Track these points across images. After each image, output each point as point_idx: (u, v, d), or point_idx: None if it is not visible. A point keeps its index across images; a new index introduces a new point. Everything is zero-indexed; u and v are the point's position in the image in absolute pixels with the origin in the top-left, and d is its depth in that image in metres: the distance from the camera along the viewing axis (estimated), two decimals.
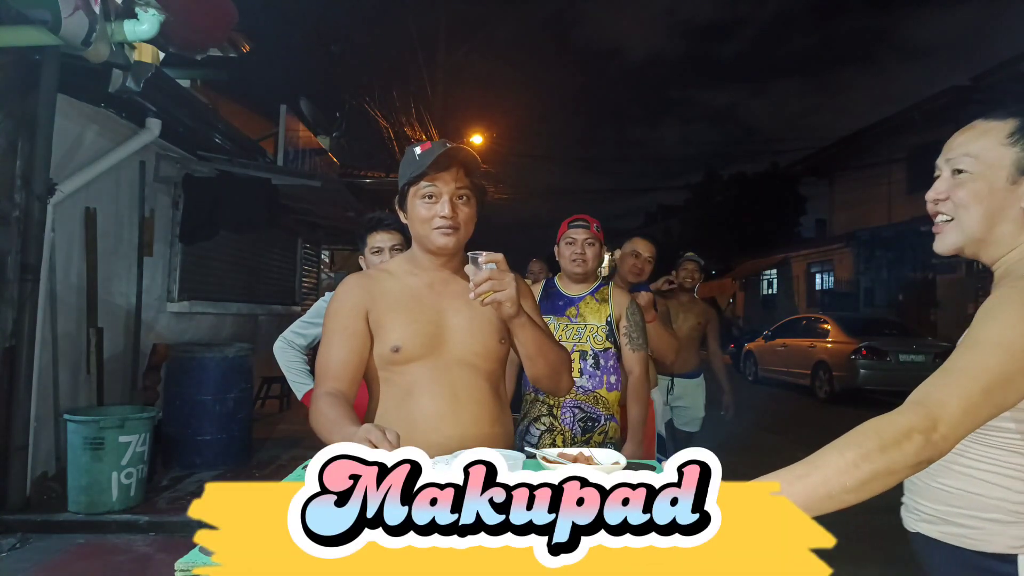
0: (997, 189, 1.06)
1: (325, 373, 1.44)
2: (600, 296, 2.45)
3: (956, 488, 1.09)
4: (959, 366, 0.93)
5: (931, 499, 1.13)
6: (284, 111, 7.88)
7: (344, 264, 11.06)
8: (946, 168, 1.11)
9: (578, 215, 2.49)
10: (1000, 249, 1.09)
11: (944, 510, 1.10)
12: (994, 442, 1.06)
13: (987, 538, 1.06)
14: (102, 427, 3.71)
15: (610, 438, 2.36)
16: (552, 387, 1.59)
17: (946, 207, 1.11)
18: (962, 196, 1.08)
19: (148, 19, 3.37)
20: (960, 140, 1.11)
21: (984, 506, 1.06)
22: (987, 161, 1.07)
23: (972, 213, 1.08)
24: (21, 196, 3.78)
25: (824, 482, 0.84)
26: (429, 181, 1.45)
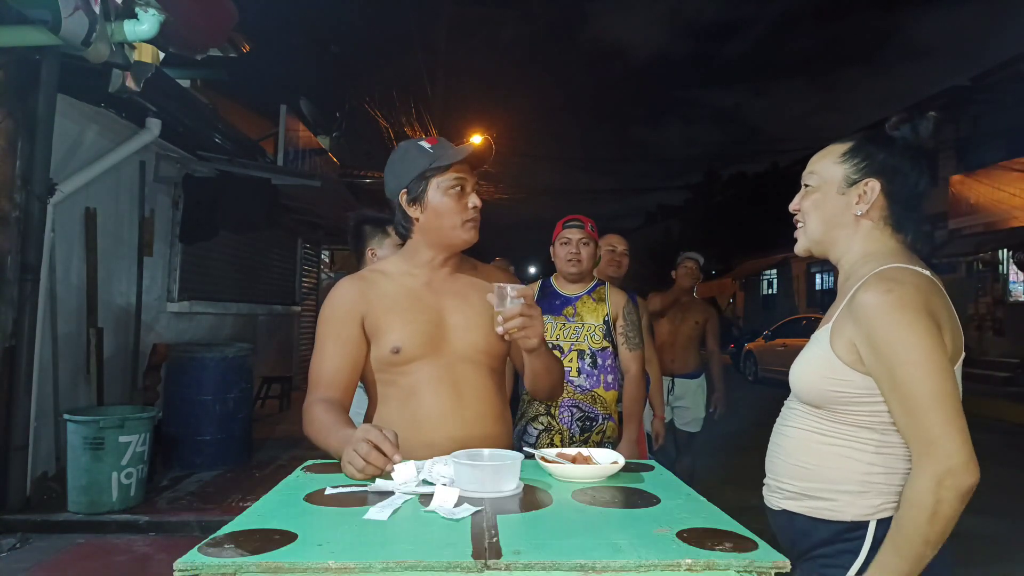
0: (830, 198, 1.27)
1: (318, 381, 1.43)
2: (597, 295, 2.46)
3: (815, 464, 1.22)
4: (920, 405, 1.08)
5: (793, 477, 1.25)
6: (284, 111, 7.87)
7: (344, 264, 11.05)
8: (802, 183, 1.33)
9: (572, 215, 2.49)
10: (839, 250, 1.28)
11: (805, 486, 1.22)
12: (847, 420, 1.18)
13: (843, 508, 1.18)
14: (102, 427, 3.71)
15: (608, 437, 2.36)
16: (547, 398, 1.64)
17: (800, 215, 1.32)
18: (807, 205, 1.30)
19: (148, 19, 3.37)
20: (811, 160, 1.33)
21: (839, 479, 1.18)
22: (824, 176, 1.29)
23: (813, 219, 1.29)
24: (21, 196, 3.78)
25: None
26: (458, 172, 1.43)
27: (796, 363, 1.27)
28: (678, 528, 0.94)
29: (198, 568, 0.80)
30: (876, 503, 1.16)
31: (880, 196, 1.23)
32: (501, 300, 1.33)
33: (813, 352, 1.23)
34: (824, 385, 1.19)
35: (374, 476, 1.16)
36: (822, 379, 1.19)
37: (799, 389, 1.25)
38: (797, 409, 1.27)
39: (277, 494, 1.13)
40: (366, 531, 0.93)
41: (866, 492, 1.16)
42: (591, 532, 0.94)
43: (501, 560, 0.81)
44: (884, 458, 1.16)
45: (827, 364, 1.18)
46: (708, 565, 0.82)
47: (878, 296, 1.12)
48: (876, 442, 1.16)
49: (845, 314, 1.18)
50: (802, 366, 1.25)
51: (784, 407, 1.35)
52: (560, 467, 1.24)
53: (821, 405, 1.21)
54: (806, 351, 1.26)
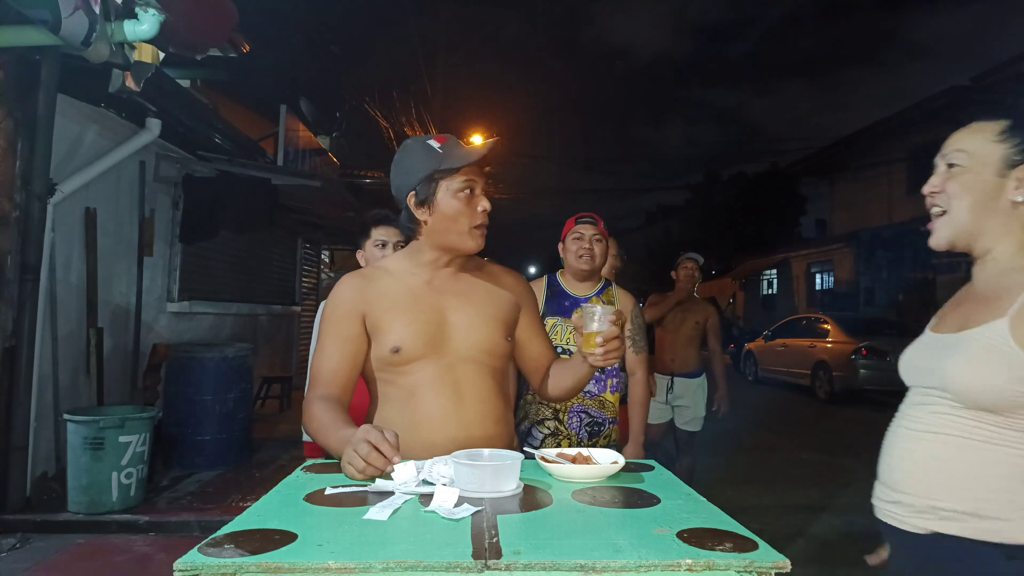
0: (986, 181, 1.13)
1: (318, 378, 1.43)
2: (606, 298, 2.44)
3: (983, 477, 1.07)
4: None
5: (951, 495, 1.09)
6: (284, 111, 7.88)
7: (344, 264, 11.06)
8: (941, 163, 1.19)
9: (584, 213, 2.48)
10: (989, 240, 1.15)
11: (970, 505, 1.07)
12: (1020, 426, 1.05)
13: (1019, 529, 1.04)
14: (102, 427, 3.71)
15: (613, 442, 2.36)
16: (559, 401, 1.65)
17: (940, 199, 1.17)
18: (953, 188, 1.15)
19: (148, 19, 3.37)
20: (955, 138, 1.18)
21: (1013, 494, 1.04)
22: (977, 156, 1.14)
23: (962, 204, 1.14)
24: (21, 196, 3.78)
25: None
26: (469, 174, 1.41)
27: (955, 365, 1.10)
28: (678, 528, 0.94)
29: (198, 568, 0.80)
30: None
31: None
32: (592, 320, 1.32)
33: (987, 351, 1.07)
34: (1012, 386, 1.04)
35: (374, 477, 1.16)
36: (1007, 379, 1.04)
37: (970, 391, 1.08)
38: (951, 414, 1.11)
39: (277, 494, 1.13)
40: (366, 531, 0.93)
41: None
42: (591, 532, 0.94)
43: (501, 560, 0.81)
44: None
45: (1013, 362, 1.04)
46: (708, 565, 0.82)
47: None
48: None
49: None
50: (973, 367, 1.08)
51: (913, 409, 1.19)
52: (560, 467, 1.24)
53: (998, 410, 1.06)
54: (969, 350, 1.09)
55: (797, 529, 3.87)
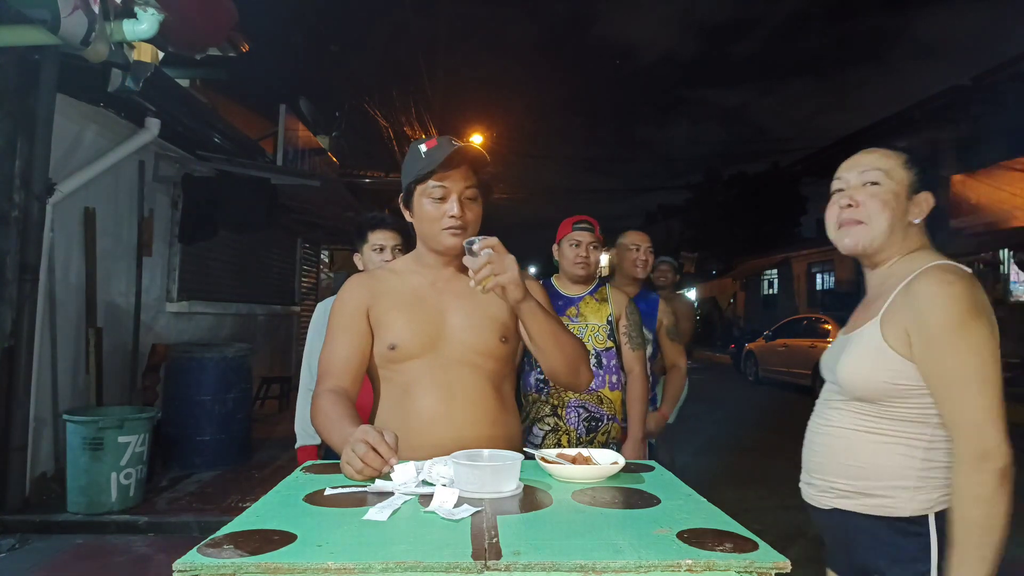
0: (900, 201, 1.29)
1: (328, 371, 1.45)
2: (600, 296, 2.45)
3: (869, 462, 1.24)
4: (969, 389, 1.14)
5: (847, 475, 1.27)
6: (284, 111, 7.88)
7: (344, 264, 11.06)
8: (856, 179, 1.32)
9: (581, 216, 2.47)
10: (889, 253, 1.31)
11: (862, 484, 1.25)
12: (899, 415, 1.22)
13: (901, 505, 1.21)
14: (101, 427, 3.71)
15: (612, 438, 2.35)
16: (571, 381, 1.50)
17: (859, 213, 1.30)
18: (876, 204, 1.29)
19: (147, 19, 3.37)
20: (869, 159, 1.32)
21: (896, 475, 1.22)
22: (895, 177, 1.30)
23: (883, 218, 1.28)
24: (20, 196, 3.78)
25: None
26: (438, 181, 1.42)
27: (843, 361, 1.28)
28: (678, 528, 0.94)
29: (197, 568, 0.80)
30: (933, 496, 1.20)
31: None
32: (470, 255, 1.33)
33: (863, 346, 1.25)
34: (881, 377, 1.21)
35: (372, 477, 1.16)
36: (877, 371, 1.22)
37: (852, 384, 1.26)
38: (843, 408, 1.30)
39: (276, 494, 1.13)
40: (366, 532, 0.93)
41: (922, 487, 1.20)
42: (591, 532, 0.93)
43: (501, 561, 0.81)
44: (936, 453, 1.20)
45: (881, 356, 1.21)
46: (708, 565, 0.82)
47: (942, 286, 1.17)
48: (928, 437, 1.20)
49: (898, 306, 1.22)
50: (854, 362, 1.26)
51: (821, 406, 1.37)
52: (560, 467, 1.24)
53: (873, 400, 1.24)
54: (852, 348, 1.28)
55: (797, 529, 3.87)
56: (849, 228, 1.31)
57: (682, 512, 1.03)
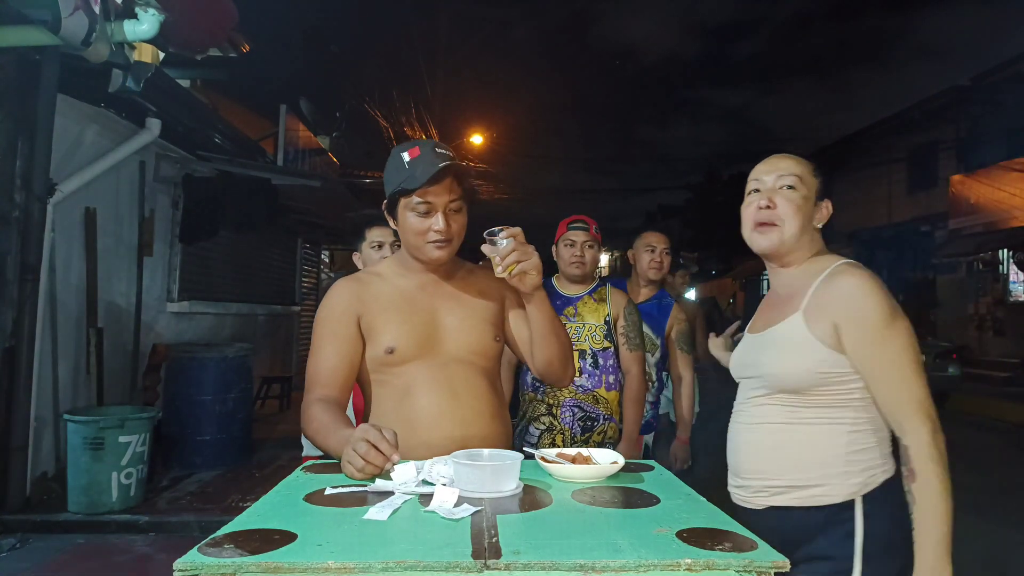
0: (810, 205, 1.36)
1: (315, 380, 1.44)
2: (598, 296, 2.46)
3: (798, 454, 1.29)
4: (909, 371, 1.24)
5: (780, 472, 1.31)
6: (284, 111, 7.87)
7: (344, 264, 11.05)
8: (774, 182, 1.37)
9: (577, 216, 2.48)
10: (798, 255, 1.37)
11: (794, 478, 1.29)
12: (823, 401, 1.28)
13: (832, 491, 1.27)
14: (102, 427, 3.71)
15: (609, 438, 2.35)
16: (560, 372, 1.56)
17: (774, 215, 1.36)
18: (790, 208, 1.35)
19: (148, 19, 3.38)
20: (787, 164, 1.39)
21: (824, 462, 1.27)
22: (807, 184, 1.37)
23: (795, 221, 1.35)
24: (21, 196, 3.78)
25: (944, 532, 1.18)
26: (421, 197, 1.41)
27: (767, 357, 1.34)
28: (678, 528, 0.94)
29: (198, 568, 0.80)
30: (859, 480, 1.26)
31: None
32: (492, 240, 1.38)
33: (788, 340, 1.31)
34: (810, 367, 1.27)
35: (373, 476, 1.16)
36: (806, 362, 1.27)
37: (779, 377, 1.31)
38: (767, 403, 1.34)
39: (277, 494, 1.13)
40: (366, 531, 0.93)
41: (849, 471, 1.26)
42: (591, 532, 0.94)
43: (501, 560, 0.81)
44: (860, 435, 1.27)
45: (809, 348, 1.27)
46: (708, 565, 0.82)
47: (864, 283, 1.25)
48: (851, 419, 1.27)
49: (821, 301, 1.28)
50: (780, 356, 1.31)
51: (742, 405, 1.41)
52: (560, 467, 1.24)
53: (802, 391, 1.29)
54: (776, 343, 1.33)
55: None
56: (764, 229, 1.37)
57: (682, 512, 1.04)
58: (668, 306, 2.81)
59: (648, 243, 2.82)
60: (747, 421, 1.38)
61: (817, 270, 1.33)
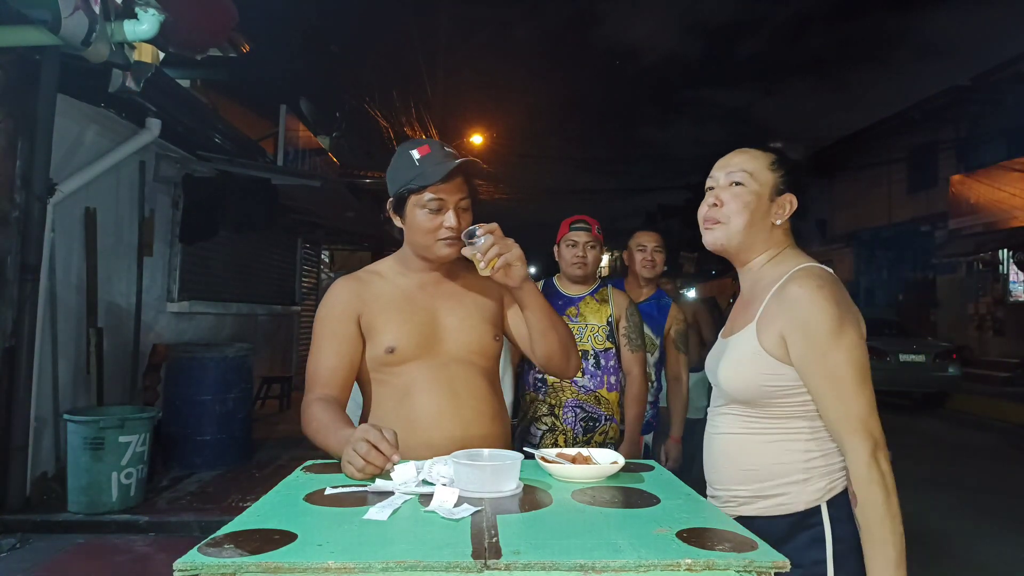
0: (762, 202, 1.32)
1: (315, 379, 1.44)
2: (600, 296, 2.45)
3: (759, 464, 1.27)
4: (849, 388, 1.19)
5: (744, 482, 1.29)
6: (284, 111, 7.87)
7: (344, 264, 11.06)
8: (724, 179, 1.34)
9: (579, 216, 2.48)
10: (752, 253, 1.34)
11: (757, 487, 1.28)
12: (780, 413, 1.25)
13: (793, 500, 1.25)
14: (102, 427, 3.71)
15: (610, 439, 2.35)
16: (562, 365, 1.54)
17: (719, 213, 1.33)
18: (736, 205, 1.31)
19: (148, 19, 3.37)
20: (738, 160, 1.35)
21: (784, 472, 1.25)
22: (759, 179, 1.32)
23: (741, 219, 1.31)
24: (21, 196, 3.78)
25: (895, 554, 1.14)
26: (434, 193, 1.41)
27: (722, 366, 1.32)
28: (678, 528, 0.94)
29: (198, 568, 0.80)
30: (821, 485, 1.24)
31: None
32: (471, 242, 1.36)
33: (740, 351, 1.29)
34: (758, 381, 1.25)
35: (374, 476, 1.16)
36: (755, 375, 1.25)
37: (733, 389, 1.29)
38: (730, 415, 1.32)
39: (277, 494, 1.13)
40: (366, 531, 0.93)
41: (810, 478, 1.24)
42: (591, 532, 0.94)
43: (501, 560, 0.81)
44: (818, 443, 1.24)
45: (758, 360, 1.25)
46: (708, 565, 0.82)
47: (812, 291, 1.21)
48: (808, 429, 1.24)
49: (772, 311, 1.25)
50: (732, 367, 1.29)
51: (711, 416, 1.40)
52: (560, 467, 1.24)
53: (754, 402, 1.27)
54: (731, 353, 1.31)
55: None
56: (710, 226, 1.35)
57: (682, 512, 1.04)
58: (667, 306, 2.82)
59: (639, 243, 2.85)
60: (713, 431, 1.37)
61: (776, 275, 1.29)
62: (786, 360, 1.22)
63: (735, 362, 1.29)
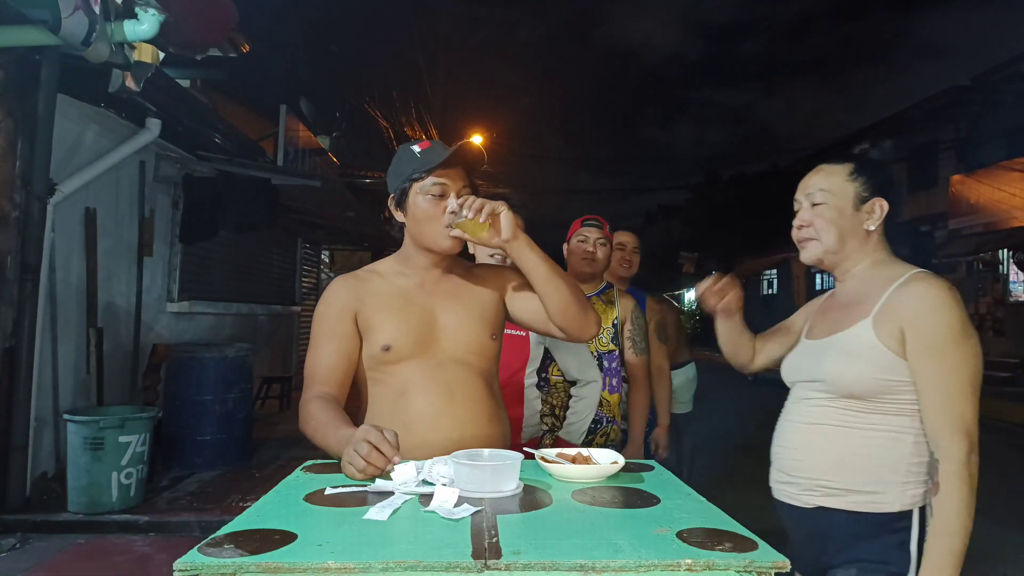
0: (845, 214, 1.38)
1: (313, 377, 1.44)
2: (606, 298, 2.45)
3: (860, 459, 1.28)
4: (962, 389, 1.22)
5: (834, 473, 1.30)
6: (284, 111, 7.87)
7: (344, 264, 11.06)
8: (806, 201, 1.42)
9: (590, 215, 2.49)
10: (850, 262, 1.40)
11: (850, 480, 1.28)
12: (889, 409, 1.27)
13: (889, 500, 1.26)
14: (102, 427, 3.71)
15: (611, 440, 2.35)
16: (580, 316, 1.46)
17: (809, 232, 1.41)
18: (821, 222, 1.39)
19: (148, 19, 3.37)
20: (814, 180, 1.42)
21: (885, 470, 1.27)
22: (838, 194, 1.39)
23: (831, 234, 1.38)
24: (21, 196, 3.78)
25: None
26: (437, 177, 1.43)
27: (830, 361, 1.33)
28: (678, 528, 0.94)
29: (198, 568, 0.80)
30: (919, 491, 1.26)
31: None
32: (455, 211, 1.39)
33: (854, 345, 1.30)
34: (874, 374, 1.27)
35: (374, 476, 1.16)
36: (871, 368, 1.27)
37: (845, 381, 1.30)
38: (828, 405, 1.33)
39: (277, 494, 1.13)
40: (366, 531, 0.93)
41: (908, 482, 1.26)
42: (591, 532, 0.94)
43: (501, 560, 0.81)
44: (921, 447, 1.26)
45: (875, 354, 1.27)
46: (708, 565, 0.82)
47: (942, 292, 1.25)
48: (913, 432, 1.26)
49: (892, 306, 1.28)
50: (845, 360, 1.30)
51: (796, 404, 1.41)
52: (560, 467, 1.24)
53: (865, 396, 1.28)
54: (841, 347, 1.32)
55: None
56: (804, 244, 1.42)
57: (682, 512, 1.04)
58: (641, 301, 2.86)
59: (619, 242, 2.93)
60: (803, 421, 1.38)
61: (889, 276, 1.34)
62: (901, 355, 1.25)
63: (849, 355, 1.30)
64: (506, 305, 1.58)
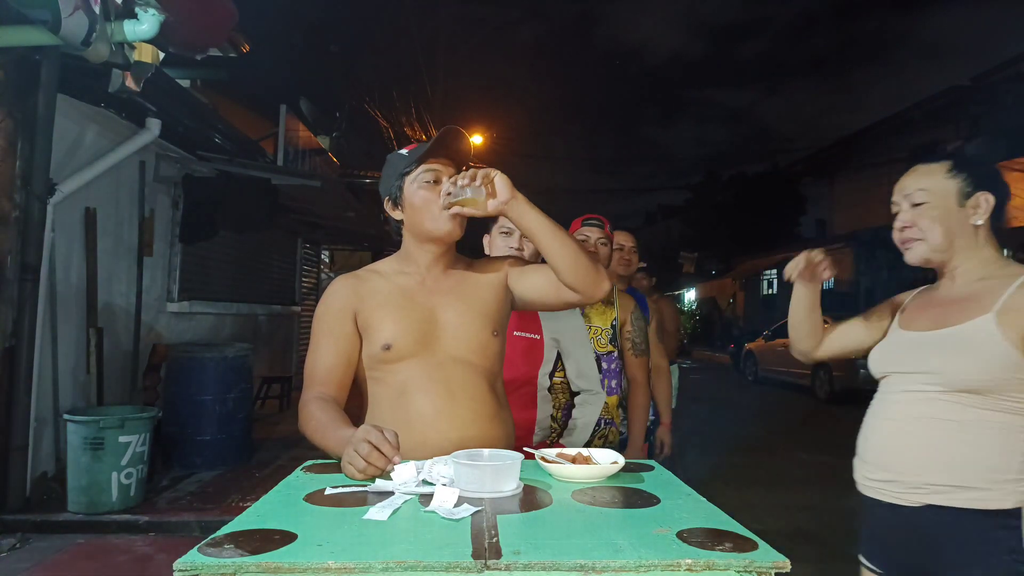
0: (950, 211, 1.37)
1: (313, 377, 1.44)
2: (606, 298, 2.45)
3: (969, 454, 1.26)
4: None
5: (943, 470, 1.28)
6: (284, 111, 7.88)
7: (344, 264, 11.06)
8: (905, 203, 1.41)
9: (591, 214, 2.48)
10: (961, 257, 1.39)
11: (960, 477, 1.26)
12: (1008, 407, 1.26)
13: (1000, 497, 1.24)
14: (102, 427, 3.71)
15: (609, 442, 2.34)
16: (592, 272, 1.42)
17: (914, 232, 1.40)
18: (925, 222, 1.38)
19: (148, 19, 3.37)
20: (911, 180, 1.42)
21: (1000, 466, 1.25)
22: (938, 192, 1.38)
23: (936, 232, 1.37)
24: (21, 196, 3.78)
25: None
26: (428, 165, 1.46)
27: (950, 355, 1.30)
28: (678, 528, 0.94)
29: (198, 568, 0.80)
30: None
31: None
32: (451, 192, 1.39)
33: (976, 340, 1.29)
34: (998, 370, 1.25)
35: (374, 476, 1.16)
36: (992, 363, 1.26)
37: (966, 376, 1.28)
38: (943, 399, 1.30)
39: (277, 494, 1.13)
40: (366, 531, 0.93)
41: (1022, 479, 1.24)
42: (591, 532, 0.94)
43: (501, 560, 0.81)
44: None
45: (998, 349, 1.26)
46: (708, 565, 0.82)
47: None
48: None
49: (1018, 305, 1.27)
50: (965, 354, 1.29)
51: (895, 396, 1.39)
52: (560, 467, 1.24)
53: (986, 391, 1.27)
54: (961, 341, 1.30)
55: (797, 529, 3.88)
56: (909, 245, 1.41)
57: (682, 512, 1.04)
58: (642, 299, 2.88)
59: (617, 242, 2.93)
60: (905, 414, 1.35)
61: (1008, 273, 1.34)
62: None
63: (968, 349, 1.29)
64: (512, 291, 1.55)
